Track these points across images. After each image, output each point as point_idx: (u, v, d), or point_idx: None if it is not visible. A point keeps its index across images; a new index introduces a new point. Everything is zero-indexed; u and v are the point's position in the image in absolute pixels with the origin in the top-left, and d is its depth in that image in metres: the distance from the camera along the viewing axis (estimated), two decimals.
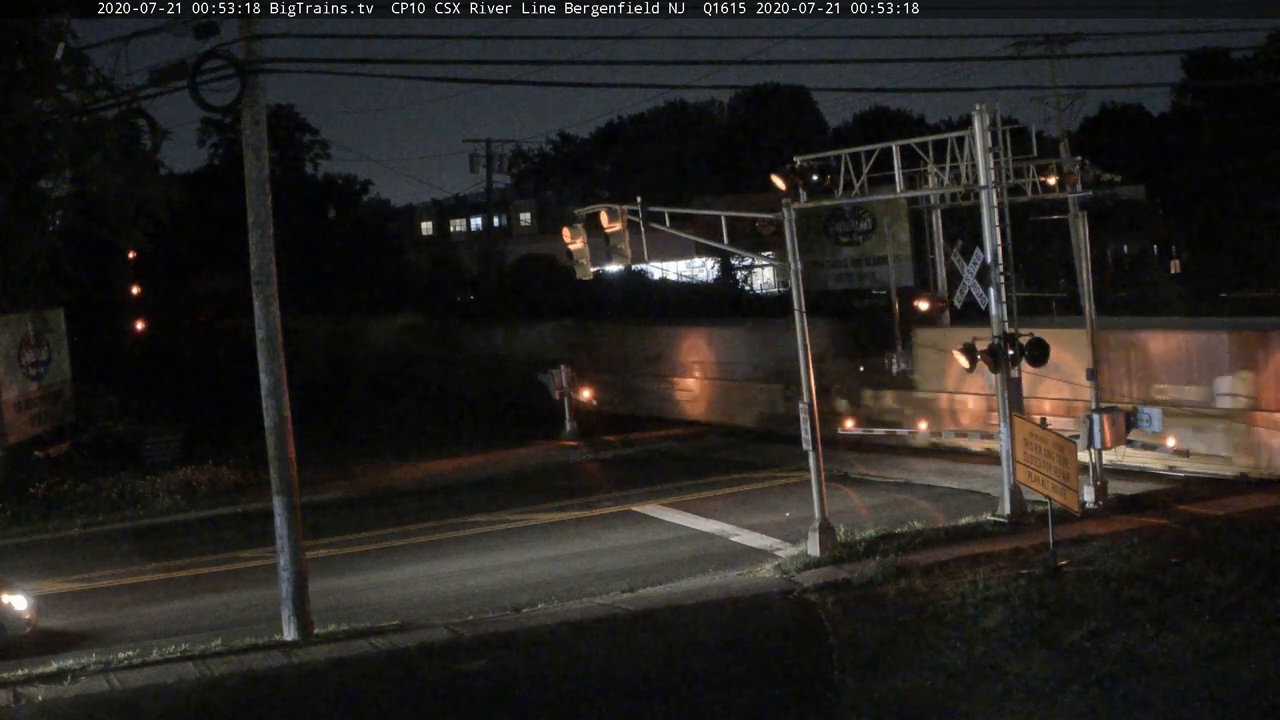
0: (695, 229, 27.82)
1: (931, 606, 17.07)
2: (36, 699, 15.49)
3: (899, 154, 23.45)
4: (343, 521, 25.64)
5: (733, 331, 37.41)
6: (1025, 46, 39.09)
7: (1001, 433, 21.76)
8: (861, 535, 20.69)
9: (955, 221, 32.28)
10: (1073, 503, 18.29)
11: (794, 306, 20.92)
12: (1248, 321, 27.56)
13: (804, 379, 20.80)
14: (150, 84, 17.73)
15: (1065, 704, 13.48)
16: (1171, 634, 15.07)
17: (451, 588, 20.32)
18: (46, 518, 27.13)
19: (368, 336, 57.23)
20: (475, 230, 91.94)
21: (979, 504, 22.97)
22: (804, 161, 22.66)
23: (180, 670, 16.28)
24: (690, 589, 19.20)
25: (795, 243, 21.17)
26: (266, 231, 17.74)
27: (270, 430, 17.82)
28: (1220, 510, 21.27)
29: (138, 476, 29.76)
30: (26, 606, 18.12)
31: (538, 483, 29.22)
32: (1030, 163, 25.14)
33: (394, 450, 34.32)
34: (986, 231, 22.29)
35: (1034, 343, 21.94)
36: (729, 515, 24.07)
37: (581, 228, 24.16)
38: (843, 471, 26.67)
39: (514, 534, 24.06)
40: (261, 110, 17.60)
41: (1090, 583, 17.34)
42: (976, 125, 22.32)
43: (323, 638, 17.51)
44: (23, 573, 20.92)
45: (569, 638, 17.04)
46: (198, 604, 20.22)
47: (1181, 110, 73.01)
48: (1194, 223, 62.57)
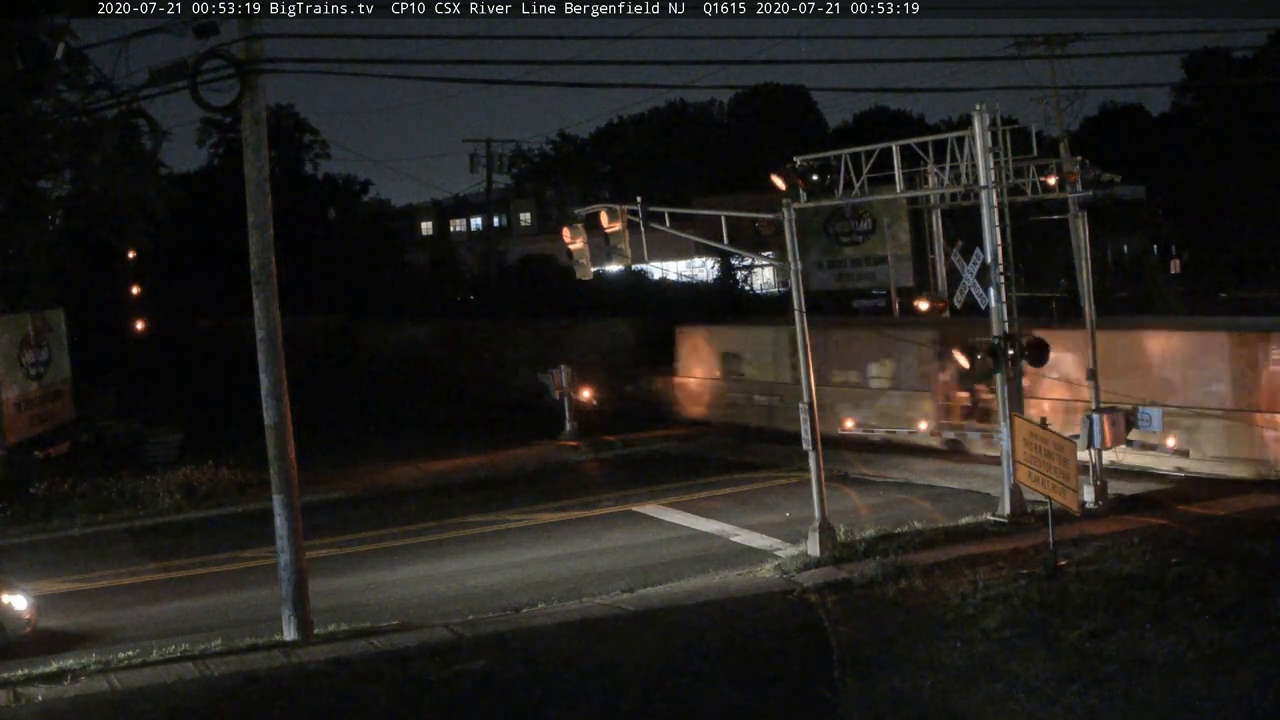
0: (695, 229, 27.82)
1: (931, 606, 17.07)
2: (36, 699, 15.48)
3: (899, 154, 23.45)
4: (343, 521, 25.64)
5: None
6: (1025, 46, 39.07)
7: (1003, 433, 21.78)
8: (861, 535, 20.70)
9: (955, 221, 32.31)
10: (1073, 503, 18.30)
11: (794, 306, 20.93)
12: (1248, 321, 27.55)
13: (804, 379, 20.80)
14: (150, 84, 17.69)
15: (1065, 704, 13.48)
16: (1171, 634, 15.07)
17: (451, 588, 20.32)
18: (46, 518, 27.13)
19: (367, 336, 57.24)
20: (475, 230, 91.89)
21: (979, 504, 22.98)
22: (804, 161, 22.66)
23: (180, 670, 16.27)
24: (690, 589, 19.20)
25: (795, 243, 21.18)
26: (266, 232, 17.74)
27: (270, 430, 17.82)
28: (1220, 510, 21.28)
29: (138, 476, 29.74)
30: (26, 606, 18.12)
31: (538, 483, 29.22)
32: (1030, 163, 25.15)
33: (394, 450, 34.34)
34: (986, 231, 22.30)
35: (1034, 343, 21.96)
36: (729, 515, 24.08)
37: (581, 228, 24.16)
38: (843, 471, 26.68)
39: (514, 534, 24.06)
40: (261, 110, 17.60)
41: (1090, 583, 17.34)
42: (976, 125, 22.32)
43: (323, 638, 17.51)
44: (23, 573, 20.91)
45: (569, 638, 17.04)
46: (198, 604, 20.22)
47: (1181, 110, 73.04)
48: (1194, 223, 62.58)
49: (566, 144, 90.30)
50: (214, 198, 53.49)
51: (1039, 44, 39.07)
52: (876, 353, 30.57)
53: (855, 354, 31.22)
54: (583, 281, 26.70)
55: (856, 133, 70.34)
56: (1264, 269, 55.58)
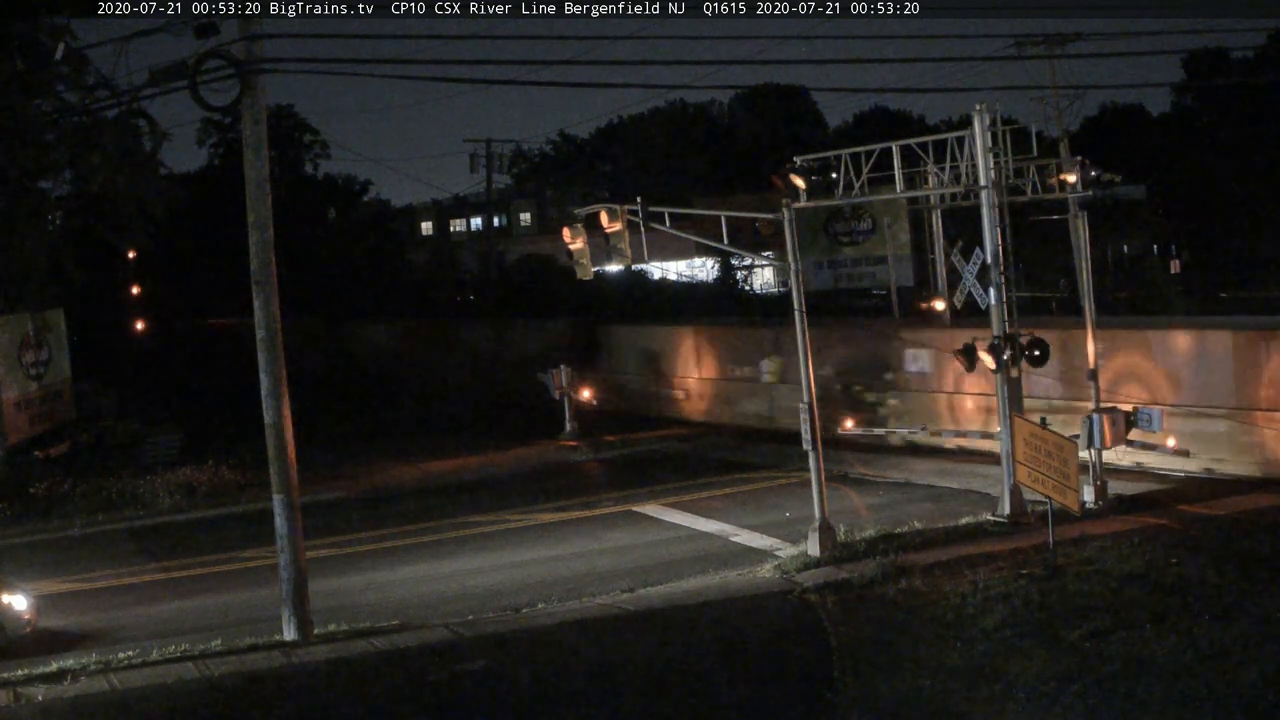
0: (695, 229, 27.80)
1: (931, 606, 17.07)
2: (36, 699, 15.49)
3: (899, 154, 23.43)
4: (343, 521, 25.63)
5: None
6: (1025, 46, 39.09)
7: (1002, 432, 21.78)
8: (861, 535, 20.69)
9: (955, 221, 32.28)
10: (1073, 503, 18.29)
11: (794, 306, 20.92)
12: (1248, 320, 27.53)
13: (804, 379, 20.80)
14: (150, 84, 17.69)
15: (1065, 704, 13.48)
16: (1171, 634, 15.07)
17: (451, 588, 20.31)
18: (46, 518, 27.12)
19: (368, 336, 57.26)
20: (475, 230, 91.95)
21: (979, 504, 22.97)
22: (804, 161, 22.65)
23: (180, 670, 16.27)
24: (690, 589, 19.20)
25: (795, 243, 21.17)
26: (266, 232, 17.74)
27: (270, 429, 17.82)
28: (1220, 510, 21.25)
29: (138, 476, 29.73)
30: (26, 606, 18.12)
31: (538, 483, 29.20)
32: (1030, 163, 25.13)
33: (394, 450, 34.33)
34: (986, 231, 22.28)
35: (1034, 342, 21.94)
36: (729, 515, 24.07)
37: (581, 228, 24.13)
38: (843, 471, 26.66)
39: (514, 534, 24.06)
40: (261, 110, 17.60)
41: (1090, 583, 17.34)
42: (976, 125, 22.31)
43: (323, 638, 17.51)
44: (23, 573, 20.91)
45: (569, 638, 17.04)
46: (198, 604, 20.22)
47: (1181, 110, 73.10)
48: (1194, 223, 62.64)
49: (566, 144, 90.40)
50: (214, 198, 53.48)
51: (1039, 44, 39.10)
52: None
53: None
54: (583, 281, 26.68)
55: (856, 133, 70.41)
56: (1265, 269, 55.59)
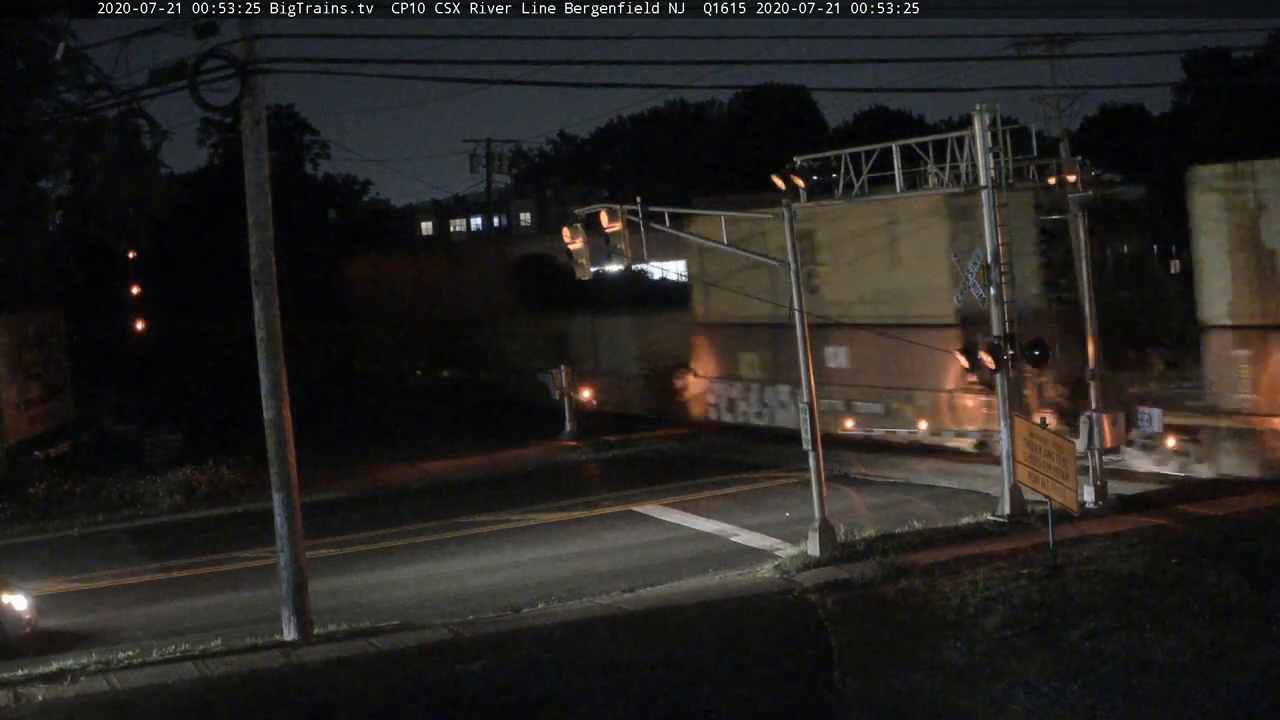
0: (695, 229, 27.78)
1: (931, 606, 17.07)
2: (36, 699, 15.49)
3: (899, 154, 23.42)
4: (343, 521, 25.64)
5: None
6: (1025, 46, 39.02)
7: (1002, 433, 21.78)
8: (861, 535, 20.69)
9: None
10: (1072, 503, 18.29)
11: (794, 306, 20.93)
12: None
13: (804, 379, 20.80)
14: (150, 84, 17.69)
15: (1065, 704, 13.48)
16: (1171, 634, 15.07)
17: (451, 588, 20.32)
18: (46, 518, 27.14)
19: (367, 336, 57.22)
20: (475, 230, 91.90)
21: (979, 504, 22.96)
22: (804, 161, 22.65)
23: (180, 670, 16.29)
24: (690, 589, 19.21)
25: (795, 242, 21.18)
26: (266, 232, 17.75)
27: (270, 430, 17.82)
28: (1220, 510, 21.25)
29: (138, 476, 29.76)
30: (26, 606, 18.12)
31: (538, 483, 29.21)
32: (1030, 163, 25.12)
33: (394, 450, 34.34)
34: (987, 231, 22.29)
35: (1034, 342, 21.94)
36: (729, 515, 24.07)
37: (581, 228, 24.12)
38: (843, 471, 26.66)
39: (514, 534, 24.06)
40: (261, 110, 17.60)
41: (1090, 582, 17.33)
42: (976, 125, 22.30)
43: (323, 638, 17.51)
44: (23, 573, 20.92)
45: (569, 638, 17.04)
46: (198, 604, 20.23)
47: (1181, 110, 72.99)
48: None
49: (566, 144, 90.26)
50: (214, 198, 53.48)
51: (1039, 44, 39.02)
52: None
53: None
54: (583, 281, 26.66)
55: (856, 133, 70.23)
56: None
